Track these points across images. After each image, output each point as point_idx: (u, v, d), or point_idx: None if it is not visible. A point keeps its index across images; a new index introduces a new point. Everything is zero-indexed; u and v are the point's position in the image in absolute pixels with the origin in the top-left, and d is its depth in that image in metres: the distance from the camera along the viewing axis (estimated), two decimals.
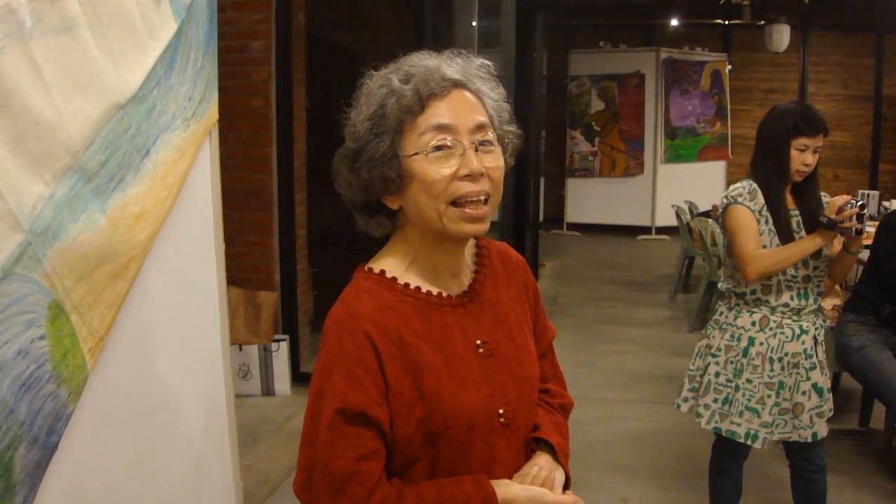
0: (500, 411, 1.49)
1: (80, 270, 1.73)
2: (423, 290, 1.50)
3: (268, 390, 5.20)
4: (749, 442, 3.07)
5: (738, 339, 3.08)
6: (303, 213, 5.48)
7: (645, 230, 13.01)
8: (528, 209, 9.23)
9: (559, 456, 1.59)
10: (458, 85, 1.44)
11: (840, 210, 2.90)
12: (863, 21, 12.15)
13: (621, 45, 13.24)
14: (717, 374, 3.12)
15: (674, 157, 13.05)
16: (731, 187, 3.11)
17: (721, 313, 3.18)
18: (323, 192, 5.87)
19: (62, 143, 1.66)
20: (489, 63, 1.53)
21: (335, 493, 1.37)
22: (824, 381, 3.11)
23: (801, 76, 13.05)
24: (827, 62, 13.00)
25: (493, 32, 5.91)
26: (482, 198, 1.41)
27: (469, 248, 1.60)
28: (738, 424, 3.07)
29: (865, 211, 2.92)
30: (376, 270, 1.52)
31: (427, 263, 1.51)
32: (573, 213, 13.60)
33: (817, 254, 3.01)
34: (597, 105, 13.35)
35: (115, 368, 1.91)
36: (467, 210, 1.41)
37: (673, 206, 9.16)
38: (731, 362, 3.09)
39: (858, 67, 12.85)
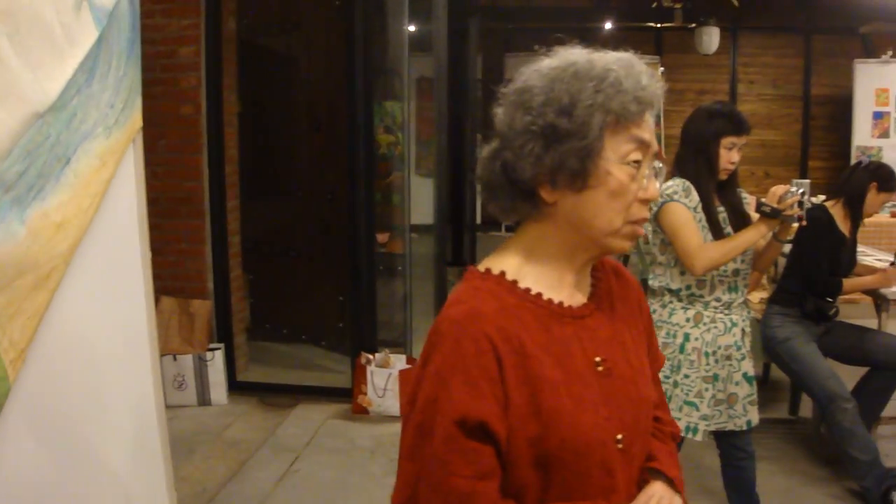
0: (619, 436, 1.37)
1: (0, 282, 1.70)
2: (545, 296, 1.39)
3: (204, 400, 5.13)
4: (690, 435, 3.13)
5: (674, 336, 3.14)
6: (235, 220, 5.43)
7: None
8: (464, 212, 9.27)
9: (678, 487, 1.50)
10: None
11: (781, 199, 2.96)
12: (791, 22, 12.39)
13: (556, 48, 13.28)
14: None
15: None
16: (665, 185, 3.13)
17: (654, 311, 3.21)
18: (257, 197, 5.85)
19: None
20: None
21: None
22: (753, 370, 3.21)
23: (731, 77, 13.24)
24: (757, 63, 13.20)
25: (426, 36, 5.92)
26: None
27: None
28: (679, 419, 3.12)
29: (806, 198, 2.98)
30: (495, 271, 1.40)
31: (552, 270, 1.41)
32: None
33: None
34: None
35: (37, 381, 1.88)
36: (639, 230, 1.38)
37: None
38: (669, 359, 3.13)
39: (787, 68, 13.07)
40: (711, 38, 11.60)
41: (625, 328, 1.49)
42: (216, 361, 5.14)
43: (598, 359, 1.39)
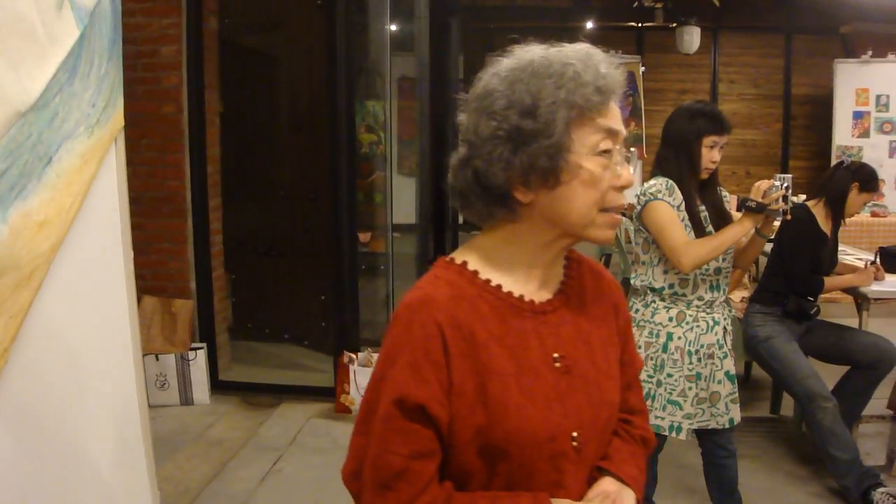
0: (574, 434, 1.38)
1: None
2: (505, 289, 1.40)
3: (186, 400, 5.12)
4: (673, 434, 3.15)
5: (657, 336, 3.15)
6: (217, 220, 5.42)
7: None
8: (447, 211, 9.26)
9: (630, 485, 1.48)
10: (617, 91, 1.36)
11: (766, 194, 2.99)
12: (772, 22, 12.45)
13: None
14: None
15: None
16: (647, 184, 3.15)
17: (637, 310, 3.22)
18: (239, 197, 5.84)
19: None
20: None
21: (383, 489, 1.29)
22: (734, 368, 3.22)
23: (712, 76, 13.29)
24: (737, 62, 13.25)
25: (408, 36, 5.92)
26: None
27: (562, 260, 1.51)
28: (662, 418, 3.14)
29: (789, 192, 3.00)
30: (458, 261, 1.42)
31: (522, 265, 1.41)
32: None
33: None
34: None
35: (20, 380, 1.88)
36: (616, 216, 1.37)
37: None
38: (651, 358, 3.14)
39: (768, 67, 13.12)
40: (692, 38, 11.66)
41: (593, 328, 1.49)
42: (198, 361, 5.13)
43: (556, 355, 1.40)
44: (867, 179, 4.08)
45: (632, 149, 1.39)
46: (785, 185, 2.99)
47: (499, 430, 1.31)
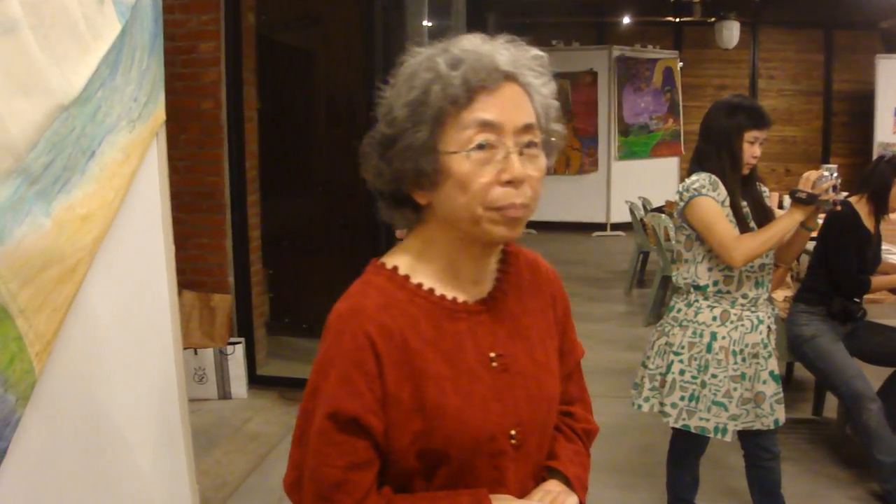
0: (512, 432, 1.37)
1: (26, 274, 1.71)
2: (437, 292, 1.38)
3: (224, 394, 5.16)
4: (719, 436, 3.10)
5: (701, 336, 3.10)
6: (256, 215, 5.45)
7: (600, 227, 13.08)
8: None
9: (575, 487, 1.47)
10: (509, 78, 1.30)
11: (815, 184, 2.95)
12: (812, 17, 12.34)
13: (574, 42, 13.30)
14: (682, 372, 3.12)
15: (628, 153, 13.14)
16: (690, 180, 3.11)
17: (679, 310, 3.18)
18: (277, 192, 5.86)
19: (5, 146, 1.65)
20: (544, 55, 1.38)
21: (323, 500, 1.29)
22: (778, 368, 3.17)
23: (751, 72, 13.20)
24: (777, 58, 13.15)
25: (444, 31, 5.90)
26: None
27: (494, 254, 1.46)
28: (707, 420, 3.10)
29: (839, 182, 2.97)
30: (388, 266, 1.40)
31: (447, 265, 1.39)
32: None
33: None
34: None
35: (63, 373, 1.89)
36: (510, 212, 1.28)
37: (627, 202, 9.22)
38: (695, 359, 3.10)
39: (808, 63, 13.01)
40: (731, 33, 11.58)
41: (532, 322, 1.48)
42: (236, 355, 5.16)
43: (493, 354, 1.39)
44: None
45: (536, 135, 1.31)
46: (835, 175, 2.95)
47: (438, 434, 1.31)
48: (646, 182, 12.25)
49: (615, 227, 12.86)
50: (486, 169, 1.27)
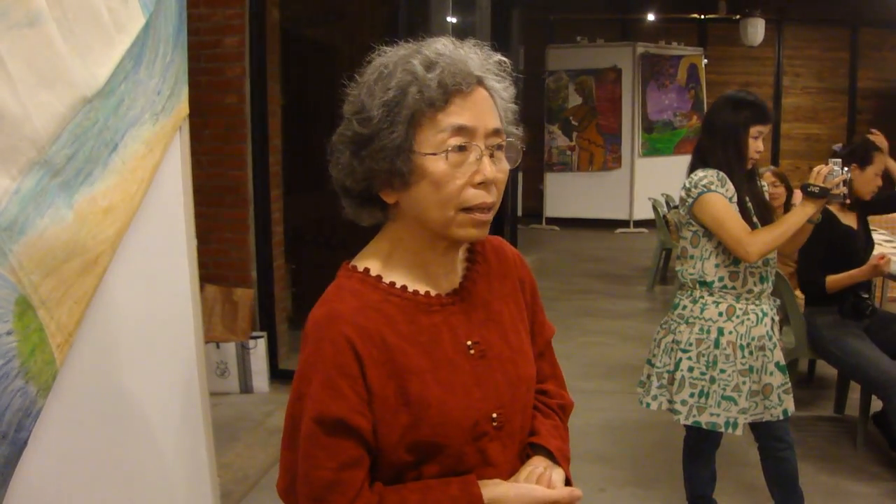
0: (494, 415, 1.42)
1: (48, 265, 1.72)
2: (410, 289, 1.41)
3: (246, 388, 5.17)
4: (730, 430, 3.10)
5: (708, 332, 3.10)
6: (279, 210, 5.46)
7: (623, 223, 13.06)
8: (506, 204, 9.24)
9: (558, 459, 1.51)
10: (479, 82, 1.34)
11: (826, 178, 2.95)
12: (837, 15, 12.24)
13: (598, 39, 13.27)
14: (691, 369, 3.12)
15: (651, 150, 13.10)
16: (698, 177, 3.10)
17: (684, 307, 3.18)
18: (300, 188, 5.87)
19: (28, 138, 1.65)
20: (506, 60, 1.43)
21: (316, 503, 1.33)
22: (783, 359, 3.18)
23: (776, 69, 13.12)
24: (802, 55, 13.07)
25: (469, 28, 5.91)
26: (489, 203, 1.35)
27: (461, 246, 1.50)
28: (717, 415, 3.09)
29: (849, 176, 2.97)
30: (360, 268, 1.44)
31: (416, 261, 1.43)
32: (552, 208, 13.65)
33: None
34: (574, 100, 13.39)
35: (84, 365, 1.89)
36: (477, 215, 1.34)
37: (650, 199, 9.19)
38: (703, 355, 3.10)
39: (833, 60, 12.93)
40: (756, 30, 11.52)
41: (503, 307, 1.52)
42: (258, 350, 5.17)
43: (469, 342, 1.43)
44: (861, 157, 4.04)
45: (508, 139, 1.35)
46: (845, 168, 2.97)
47: (424, 426, 1.35)
48: (669, 179, 12.13)
49: (638, 223, 12.83)
50: (460, 170, 1.32)
